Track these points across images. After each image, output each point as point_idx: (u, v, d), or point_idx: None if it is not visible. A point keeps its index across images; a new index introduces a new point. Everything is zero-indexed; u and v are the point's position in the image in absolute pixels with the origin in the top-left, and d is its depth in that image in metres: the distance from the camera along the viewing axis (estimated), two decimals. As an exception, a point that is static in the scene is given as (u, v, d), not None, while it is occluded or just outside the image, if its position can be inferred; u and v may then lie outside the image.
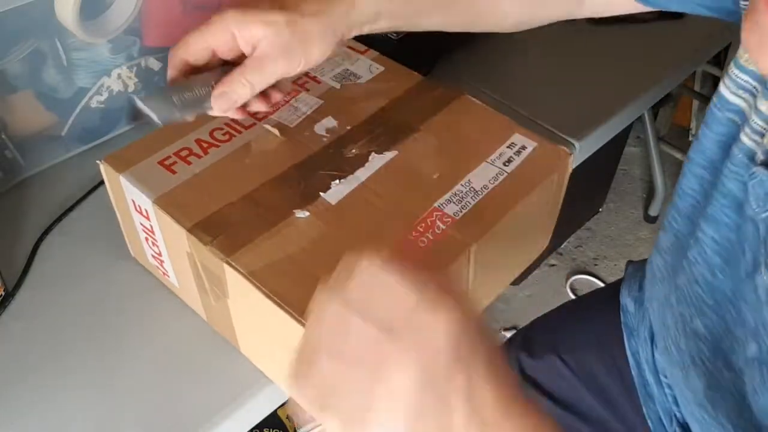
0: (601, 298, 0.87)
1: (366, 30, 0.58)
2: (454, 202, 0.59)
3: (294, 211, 0.58)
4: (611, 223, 1.98)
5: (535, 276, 1.83)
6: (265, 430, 1.15)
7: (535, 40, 1.01)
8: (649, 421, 0.74)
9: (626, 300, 0.78)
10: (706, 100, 1.87)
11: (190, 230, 0.56)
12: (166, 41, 0.80)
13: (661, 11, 1.04)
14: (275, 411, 1.07)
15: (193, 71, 0.55)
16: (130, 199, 0.60)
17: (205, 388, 0.60)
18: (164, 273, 0.65)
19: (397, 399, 0.37)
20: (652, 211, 1.97)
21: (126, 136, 0.82)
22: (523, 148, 0.65)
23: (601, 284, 1.82)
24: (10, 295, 0.66)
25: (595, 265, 1.87)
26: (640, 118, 1.79)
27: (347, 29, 0.56)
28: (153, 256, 0.64)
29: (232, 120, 0.64)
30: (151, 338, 0.63)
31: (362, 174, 0.61)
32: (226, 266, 0.54)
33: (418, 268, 0.39)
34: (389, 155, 0.62)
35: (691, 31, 1.03)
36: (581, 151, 0.86)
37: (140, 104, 0.52)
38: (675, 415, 0.69)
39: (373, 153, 0.63)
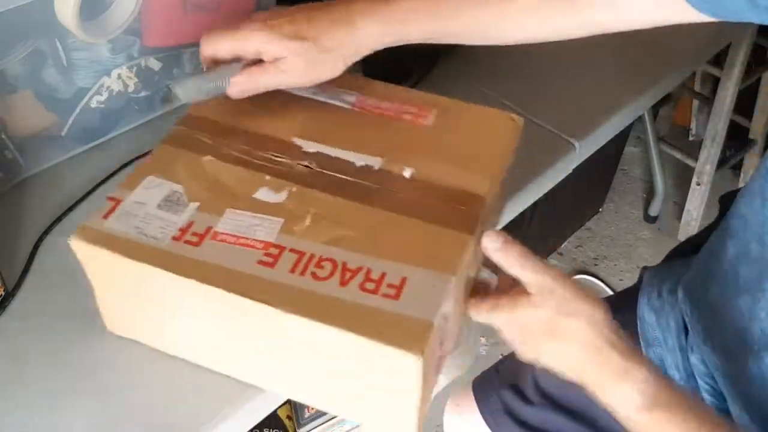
0: (615, 306, 0.85)
1: (374, 49, 0.64)
2: None
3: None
4: (611, 223, 1.98)
5: (535, 276, 1.83)
6: (265, 430, 1.15)
7: (535, 40, 1.01)
8: None
9: (644, 309, 0.77)
10: (706, 100, 1.87)
11: None
12: (166, 41, 0.80)
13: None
14: (275, 411, 1.07)
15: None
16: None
17: (206, 388, 0.60)
18: None
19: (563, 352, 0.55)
20: (652, 211, 1.97)
21: (126, 135, 0.82)
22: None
23: (601, 284, 1.82)
24: (10, 295, 0.66)
25: (595, 265, 1.87)
26: (640, 118, 1.80)
27: (355, 54, 0.63)
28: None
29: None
30: (151, 338, 0.63)
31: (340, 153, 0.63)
32: None
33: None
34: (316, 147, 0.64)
35: (691, 31, 1.03)
36: (581, 151, 0.86)
37: (172, 85, 0.65)
38: None
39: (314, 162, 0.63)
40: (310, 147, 0.63)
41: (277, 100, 0.66)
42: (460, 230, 0.56)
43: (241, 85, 0.63)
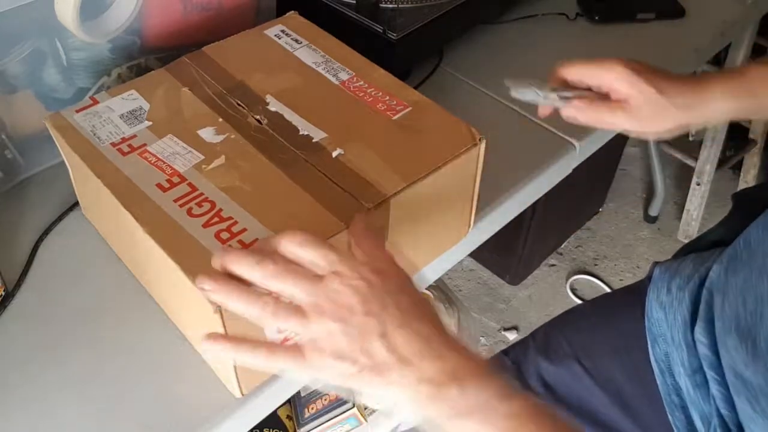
0: (623, 301, 0.85)
1: (723, 119, 0.67)
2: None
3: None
4: (611, 223, 1.98)
5: (535, 276, 1.83)
6: (265, 430, 1.15)
7: (535, 40, 1.01)
8: (675, 431, 0.72)
9: (652, 305, 0.77)
10: (706, 100, 1.87)
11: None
12: (166, 41, 0.80)
13: (660, 11, 1.05)
14: (275, 411, 1.07)
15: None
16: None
17: (206, 387, 0.60)
18: None
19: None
20: (652, 211, 1.97)
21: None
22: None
23: (601, 284, 1.82)
24: (10, 295, 0.66)
25: (595, 265, 1.87)
26: (640, 118, 1.79)
27: (700, 117, 0.67)
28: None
29: (176, 200, 0.59)
30: (150, 339, 0.63)
31: (299, 121, 0.65)
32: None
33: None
34: (272, 100, 0.67)
35: (691, 31, 1.03)
36: (581, 151, 0.86)
37: (509, 82, 0.68)
38: (721, 417, 0.67)
39: (268, 108, 0.67)
40: (274, 106, 0.67)
41: (280, 61, 0.71)
42: (339, 217, 0.57)
43: (583, 112, 0.66)
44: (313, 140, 0.64)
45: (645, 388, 0.75)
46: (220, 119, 0.65)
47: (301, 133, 0.64)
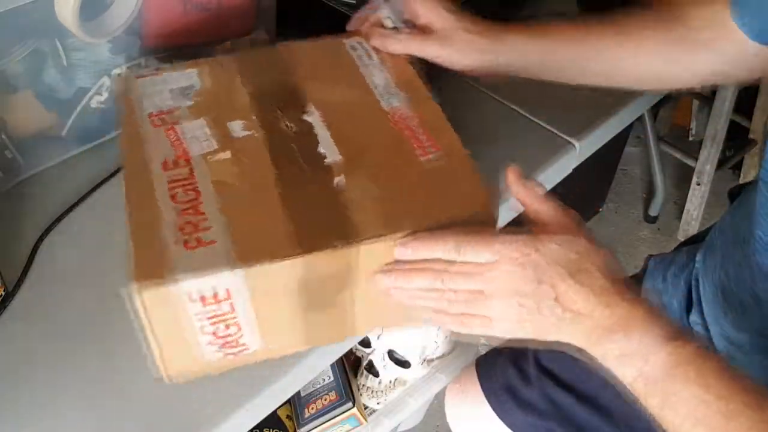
0: None
1: (515, 65, 0.72)
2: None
3: (333, 179, 0.60)
4: (611, 223, 1.98)
5: (535, 276, 1.83)
6: (265, 430, 1.15)
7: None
8: None
9: (648, 293, 0.79)
10: (706, 100, 1.87)
11: (302, 253, 0.54)
12: (166, 41, 0.80)
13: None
14: (275, 411, 1.07)
15: None
16: (197, 295, 0.53)
17: (206, 388, 0.60)
18: (235, 353, 0.59)
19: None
20: (652, 211, 1.97)
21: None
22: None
23: (601, 284, 1.82)
24: (10, 295, 0.66)
25: (595, 265, 1.87)
26: (640, 118, 1.79)
27: (492, 62, 0.71)
28: (224, 345, 0.58)
29: (170, 180, 0.59)
30: (151, 338, 0.63)
31: (321, 131, 0.64)
32: (361, 248, 0.55)
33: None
34: (314, 110, 0.66)
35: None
36: (581, 151, 0.86)
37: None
38: None
39: (303, 115, 0.66)
40: (311, 117, 0.65)
41: (341, 73, 0.71)
42: (300, 244, 0.54)
43: (388, 40, 0.71)
44: (325, 160, 0.61)
45: None
46: (254, 116, 0.65)
47: (318, 149, 0.62)
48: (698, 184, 1.84)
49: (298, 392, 1.18)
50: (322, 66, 0.72)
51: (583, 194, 1.85)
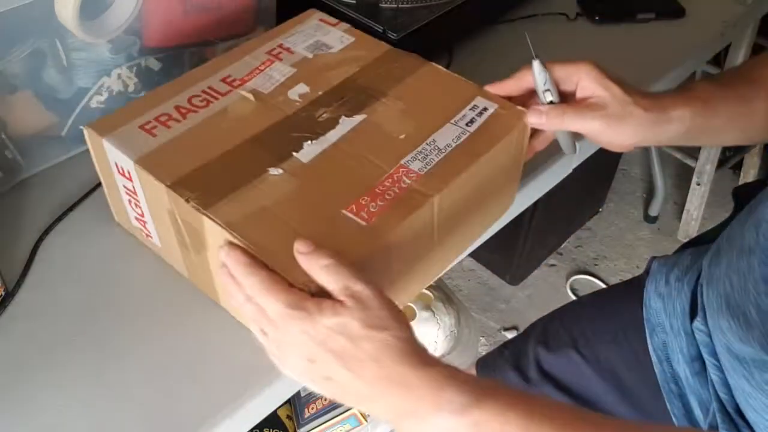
0: (622, 292, 0.87)
1: (667, 141, 0.67)
2: (419, 159, 0.62)
3: (268, 168, 0.61)
4: (611, 223, 1.99)
5: (535, 276, 1.83)
6: (265, 430, 1.15)
7: (535, 40, 1.01)
8: (674, 418, 0.73)
9: (651, 296, 0.78)
10: (706, 100, 1.87)
11: (170, 187, 0.59)
12: (166, 41, 0.80)
13: (660, 11, 1.05)
14: (275, 411, 1.08)
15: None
16: (113, 161, 0.64)
17: (206, 388, 0.60)
18: (147, 234, 0.68)
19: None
20: (652, 211, 1.97)
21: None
22: (485, 109, 0.67)
23: (601, 284, 1.82)
24: (10, 295, 0.66)
25: (595, 265, 1.87)
26: (640, 118, 1.79)
27: (654, 139, 0.66)
28: (136, 218, 0.68)
29: (209, 87, 0.69)
30: (150, 340, 0.63)
31: (333, 135, 0.64)
32: (204, 219, 0.57)
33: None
34: (358, 118, 0.66)
35: (691, 31, 1.03)
36: (581, 151, 0.86)
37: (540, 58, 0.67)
38: (719, 401, 0.68)
39: (343, 116, 0.66)
40: (345, 122, 0.66)
41: (424, 108, 0.68)
42: (184, 187, 0.58)
43: (548, 115, 0.64)
44: (301, 159, 0.61)
45: (644, 376, 0.76)
46: (311, 92, 0.68)
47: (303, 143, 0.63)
48: (698, 184, 1.84)
49: (298, 392, 1.18)
50: (424, 94, 0.69)
51: (583, 194, 1.85)
